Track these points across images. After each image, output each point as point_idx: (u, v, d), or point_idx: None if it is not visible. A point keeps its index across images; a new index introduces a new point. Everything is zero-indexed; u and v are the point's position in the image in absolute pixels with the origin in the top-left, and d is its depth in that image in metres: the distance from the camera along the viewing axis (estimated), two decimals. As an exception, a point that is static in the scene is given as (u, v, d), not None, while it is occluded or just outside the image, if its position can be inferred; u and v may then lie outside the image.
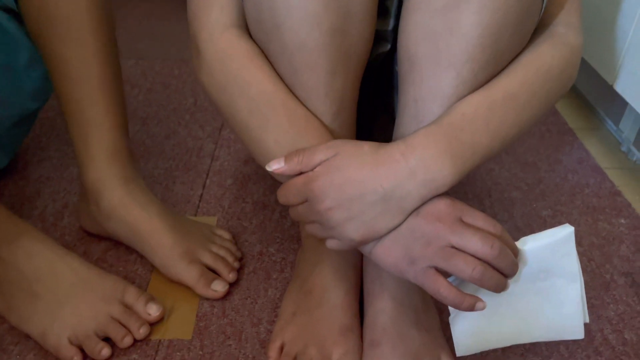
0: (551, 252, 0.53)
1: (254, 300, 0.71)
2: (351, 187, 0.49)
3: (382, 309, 0.62)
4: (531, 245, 0.52)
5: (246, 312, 0.69)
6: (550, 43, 0.55)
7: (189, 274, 0.70)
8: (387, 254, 0.52)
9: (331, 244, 0.53)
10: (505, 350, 0.64)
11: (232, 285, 0.72)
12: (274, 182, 0.92)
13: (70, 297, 0.63)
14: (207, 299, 0.70)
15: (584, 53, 1.05)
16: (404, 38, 0.54)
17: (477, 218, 0.50)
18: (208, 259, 0.72)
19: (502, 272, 0.49)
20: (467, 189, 0.91)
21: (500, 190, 0.92)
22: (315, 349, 0.60)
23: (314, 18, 0.51)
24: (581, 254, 0.79)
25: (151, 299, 0.67)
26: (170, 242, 0.71)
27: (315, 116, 0.56)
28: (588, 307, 0.70)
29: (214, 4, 0.57)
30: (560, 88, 0.56)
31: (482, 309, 0.50)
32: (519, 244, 0.52)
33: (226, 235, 0.78)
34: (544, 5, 0.54)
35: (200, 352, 0.64)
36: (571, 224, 0.85)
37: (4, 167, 0.91)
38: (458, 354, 0.57)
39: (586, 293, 0.72)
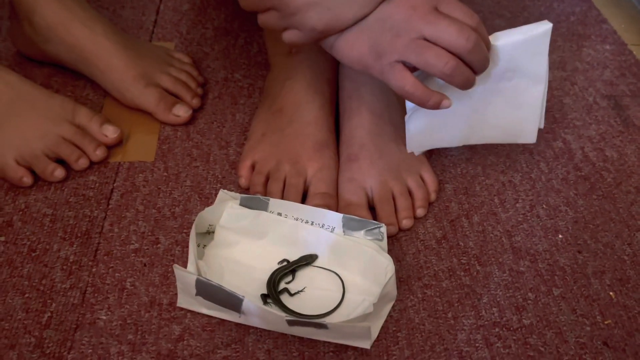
0: (523, 49, 0.49)
1: (220, 124, 0.65)
2: None
3: (360, 123, 0.58)
4: (504, 40, 0.49)
5: (213, 136, 0.64)
6: None
7: (146, 98, 0.63)
8: (351, 47, 0.46)
9: (289, 35, 0.47)
10: (485, 167, 0.62)
11: (196, 111, 0.66)
12: (236, 7, 0.82)
13: (11, 117, 0.56)
14: (169, 124, 0.64)
15: None
16: None
17: (455, 8, 0.45)
18: (167, 83, 0.65)
19: (473, 67, 0.46)
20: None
21: (483, 18, 0.84)
22: (289, 165, 0.56)
23: None
24: (564, 78, 0.75)
25: (107, 120, 0.60)
26: (122, 63, 0.63)
27: None
28: (569, 128, 0.68)
29: None
30: None
31: (448, 106, 0.47)
32: (491, 38, 0.48)
33: (186, 59, 0.70)
34: None
35: (165, 174, 0.59)
36: (555, 50, 0.80)
37: None
38: (409, 150, 0.55)
39: (568, 115, 0.70)
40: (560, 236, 0.56)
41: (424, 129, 0.53)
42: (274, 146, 0.58)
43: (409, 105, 0.50)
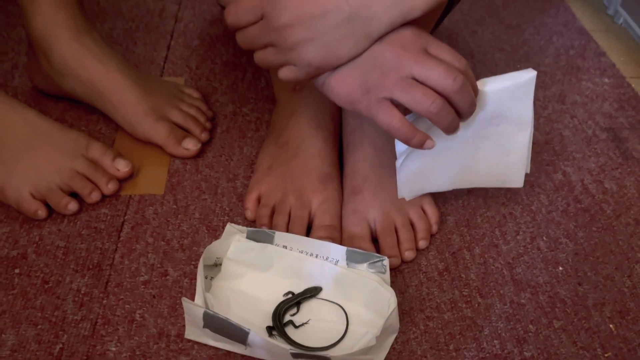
0: (510, 95, 0.51)
1: (228, 157, 0.67)
2: (313, 2, 0.44)
3: (363, 157, 0.60)
4: (491, 86, 0.50)
5: (221, 169, 0.66)
6: None
7: (157, 132, 0.66)
8: (341, 83, 0.47)
9: (285, 72, 0.48)
10: (486, 199, 0.64)
11: (205, 144, 0.68)
12: (244, 43, 0.85)
13: (28, 151, 0.59)
14: (178, 157, 0.66)
15: None
16: None
17: (444, 50, 0.47)
18: (177, 117, 0.67)
19: (459, 110, 0.47)
20: (450, 49, 0.87)
21: (484, 52, 0.88)
22: (294, 198, 0.58)
23: None
24: (564, 111, 0.77)
25: (119, 154, 0.62)
26: (134, 98, 0.66)
27: None
28: (569, 160, 0.69)
29: None
30: None
31: (431, 147, 0.48)
32: (478, 84, 0.49)
33: (195, 94, 0.73)
34: None
35: (174, 207, 0.61)
36: (555, 83, 0.82)
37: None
38: (400, 195, 0.56)
39: (568, 147, 0.71)
40: (560, 268, 0.57)
41: (415, 175, 0.54)
42: (279, 179, 0.60)
43: (399, 150, 0.52)
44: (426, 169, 0.54)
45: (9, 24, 0.84)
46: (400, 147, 0.52)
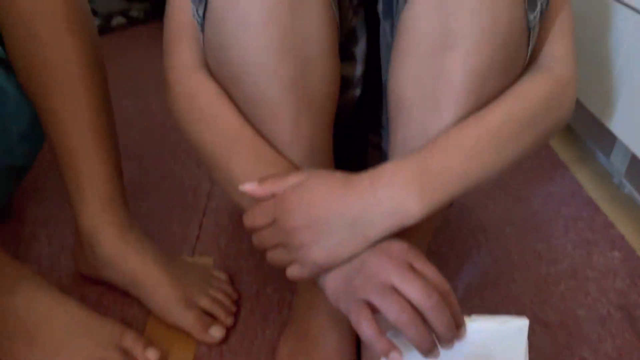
0: (498, 339, 0.50)
1: (251, 341, 0.71)
2: (319, 209, 0.50)
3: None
4: (479, 324, 0.50)
5: (244, 354, 0.69)
6: (535, 78, 0.55)
7: (186, 320, 0.70)
8: (331, 281, 0.51)
9: (293, 271, 0.53)
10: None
11: (229, 327, 0.72)
12: (270, 220, 0.92)
13: (67, 343, 0.63)
14: (204, 343, 0.70)
15: (572, 87, 1.07)
16: (393, 82, 0.56)
17: (428, 268, 0.49)
18: (205, 303, 0.72)
19: (435, 330, 0.47)
20: (461, 224, 0.92)
21: (494, 226, 0.93)
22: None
23: (272, 71, 0.52)
24: (577, 288, 0.79)
25: (149, 343, 0.66)
26: (167, 288, 0.71)
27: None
28: (585, 343, 0.70)
29: (184, 46, 0.59)
30: (550, 121, 0.55)
31: (397, 359, 0.47)
32: (467, 319, 0.50)
33: (223, 277, 0.78)
34: (530, 46, 0.55)
35: (198, 397, 0.63)
36: (565, 257, 0.86)
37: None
38: None
39: (583, 328, 0.73)
40: None
41: None
42: (299, 371, 0.62)
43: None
44: None
45: (59, 206, 0.94)
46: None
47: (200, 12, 0.55)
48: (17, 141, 0.80)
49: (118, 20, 1.77)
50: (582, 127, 1.19)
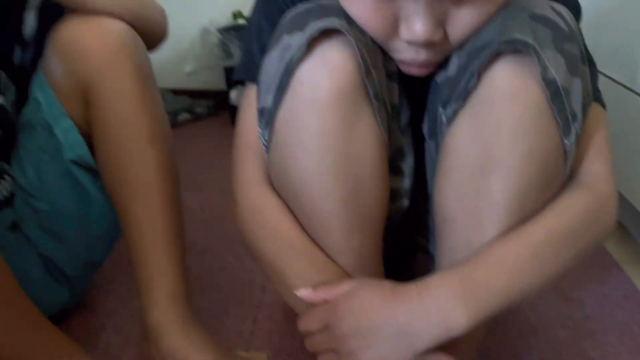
0: None
1: None
2: (369, 317, 0.53)
3: None
4: None
5: None
6: (574, 194, 0.58)
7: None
8: None
9: None
10: None
11: None
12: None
13: None
14: None
15: (621, 187, 1.08)
16: (437, 196, 0.61)
17: None
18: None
19: None
20: (512, 326, 0.92)
21: (546, 328, 0.92)
22: None
23: (326, 190, 0.58)
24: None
25: None
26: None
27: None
28: None
29: (250, 163, 0.66)
30: (590, 236, 0.58)
31: None
32: None
33: (275, 375, 0.81)
34: (568, 166, 0.59)
35: None
36: (622, 365, 0.84)
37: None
38: None
39: None
40: None
41: None
42: None
43: None
44: None
45: (128, 297, 1.01)
46: None
47: (266, 136, 0.62)
48: (97, 238, 0.89)
49: (184, 116, 1.93)
50: (636, 227, 1.18)
